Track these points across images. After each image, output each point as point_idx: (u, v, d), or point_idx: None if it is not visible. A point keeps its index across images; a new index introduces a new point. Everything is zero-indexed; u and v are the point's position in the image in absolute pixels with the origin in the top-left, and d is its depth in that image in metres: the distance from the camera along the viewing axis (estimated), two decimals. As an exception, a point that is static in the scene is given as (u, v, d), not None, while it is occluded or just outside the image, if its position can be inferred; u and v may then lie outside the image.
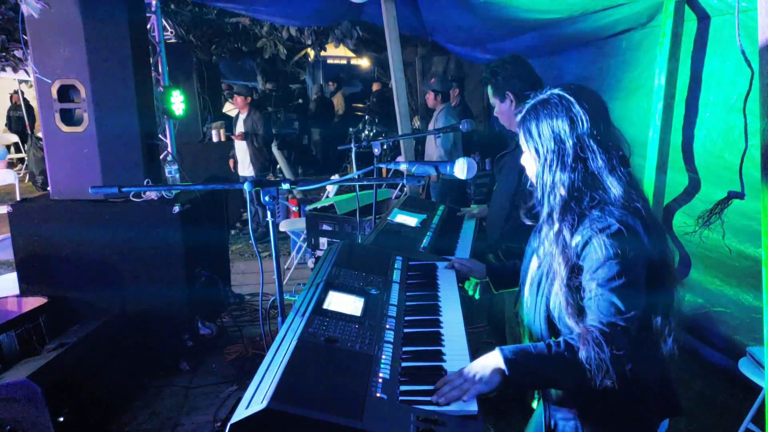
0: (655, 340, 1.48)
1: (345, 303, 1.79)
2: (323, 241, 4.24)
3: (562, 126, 1.46)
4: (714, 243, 3.14)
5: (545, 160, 1.49)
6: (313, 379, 1.34)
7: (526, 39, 4.68)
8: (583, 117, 1.45)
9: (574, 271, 1.44)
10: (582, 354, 1.34)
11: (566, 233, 1.45)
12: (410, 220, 3.04)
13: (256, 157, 6.68)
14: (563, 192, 1.47)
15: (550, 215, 1.51)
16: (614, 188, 1.44)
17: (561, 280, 1.45)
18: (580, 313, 1.41)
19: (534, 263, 1.65)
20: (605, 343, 1.31)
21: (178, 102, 5.50)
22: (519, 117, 1.57)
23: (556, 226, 1.49)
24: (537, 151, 1.51)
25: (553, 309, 1.50)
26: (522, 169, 1.66)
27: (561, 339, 1.41)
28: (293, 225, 5.52)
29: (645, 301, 1.41)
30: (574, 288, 1.43)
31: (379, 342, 1.61)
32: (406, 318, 1.86)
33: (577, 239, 1.44)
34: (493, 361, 1.41)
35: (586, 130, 1.45)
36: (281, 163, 8.75)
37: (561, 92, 1.49)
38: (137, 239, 3.54)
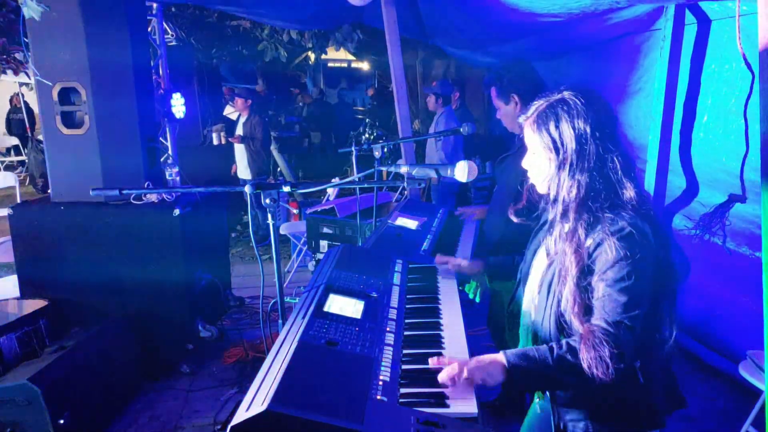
0: (659, 337, 1.49)
1: (345, 306, 1.79)
2: (324, 244, 4.24)
3: (584, 127, 1.45)
4: (714, 246, 3.15)
5: (564, 159, 1.47)
6: (313, 381, 1.34)
7: (527, 42, 4.68)
8: (603, 119, 1.45)
9: (584, 272, 1.44)
10: (583, 354, 1.35)
11: (581, 232, 1.46)
12: (410, 223, 3.03)
13: (254, 160, 6.68)
14: (581, 192, 1.45)
15: (564, 214, 1.50)
16: (628, 191, 1.44)
17: (572, 278, 1.45)
18: (586, 312, 1.43)
19: (543, 263, 1.63)
20: (607, 341, 1.34)
21: (178, 105, 5.51)
22: (533, 115, 1.54)
23: (571, 224, 1.49)
24: (556, 150, 1.48)
25: (564, 310, 1.49)
26: (525, 171, 1.66)
27: (563, 341, 1.42)
28: (294, 228, 5.52)
29: (651, 301, 1.43)
30: (582, 287, 1.44)
31: (379, 344, 1.61)
32: (407, 320, 1.86)
33: (589, 242, 1.45)
34: (497, 358, 1.43)
35: (608, 132, 1.45)
36: (282, 166, 8.75)
37: (575, 93, 1.49)
38: (138, 242, 3.54)
